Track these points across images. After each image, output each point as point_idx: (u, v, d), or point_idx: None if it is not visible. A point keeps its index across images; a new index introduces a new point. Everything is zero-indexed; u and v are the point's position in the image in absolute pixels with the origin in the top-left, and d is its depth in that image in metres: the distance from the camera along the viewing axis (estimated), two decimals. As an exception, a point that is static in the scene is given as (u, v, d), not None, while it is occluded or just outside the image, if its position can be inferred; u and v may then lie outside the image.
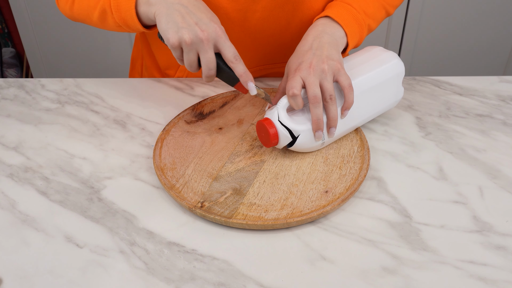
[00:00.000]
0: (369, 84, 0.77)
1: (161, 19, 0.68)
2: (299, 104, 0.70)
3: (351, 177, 0.71)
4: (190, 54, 0.68)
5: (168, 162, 0.75)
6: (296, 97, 0.69)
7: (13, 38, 2.29)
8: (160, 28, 0.68)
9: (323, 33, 0.75)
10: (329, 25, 0.76)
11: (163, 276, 0.60)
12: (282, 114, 0.72)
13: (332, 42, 0.74)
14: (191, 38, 0.66)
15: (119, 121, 0.87)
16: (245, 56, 0.90)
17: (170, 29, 0.67)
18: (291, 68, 0.72)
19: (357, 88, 0.75)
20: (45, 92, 0.94)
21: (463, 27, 1.91)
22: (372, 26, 0.83)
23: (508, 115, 0.86)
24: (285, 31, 0.88)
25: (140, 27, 0.73)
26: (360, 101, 0.76)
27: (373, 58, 0.79)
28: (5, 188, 0.73)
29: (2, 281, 0.60)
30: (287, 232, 0.65)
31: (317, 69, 0.70)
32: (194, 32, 0.66)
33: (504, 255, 0.62)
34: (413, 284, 0.58)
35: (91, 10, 0.77)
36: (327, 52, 0.72)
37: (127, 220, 0.68)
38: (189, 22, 0.67)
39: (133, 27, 0.74)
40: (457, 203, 0.69)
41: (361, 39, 0.81)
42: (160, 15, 0.68)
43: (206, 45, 0.67)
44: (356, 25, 0.79)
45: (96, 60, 2.07)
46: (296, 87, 0.69)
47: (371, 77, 0.77)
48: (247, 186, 0.71)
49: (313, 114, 0.70)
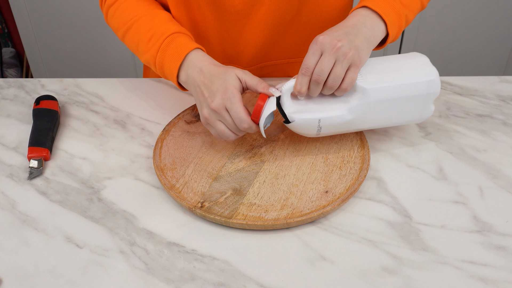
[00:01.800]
0: (392, 95, 0.71)
1: (194, 99, 0.75)
2: (303, 88, 0.69)
3: (351, 177, 0.71)
4: (216, 126, 0.71)
5: (168, 162, 0.75)
6: (305, 78, 0.68)
7: (13, 38, 2.29)
8: None
9: (362, 26, 0.72)
10: (369, 18, 0.73)
11: (163, 276, 0.60)
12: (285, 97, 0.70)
13: (369, 37, 0.72)
14: (207, 112, 0.71)
15: (119, 121, 0.87)
16: (250, 52, 0.90)
17: (199, 110, 0.73)
18: (318, 38, 0.70)
19: (378, 95, 0.70)
20: (45, 92, 0.94)
21: (463, 27, 1.91)
22: (409, 17, 0.79)
23: (508, 115, 0.86)
24: (291, 26, 0.88)
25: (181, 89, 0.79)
26: (377, 108, 0.71)
27: (411, 68, 0.73)
28: (5, 188, 0.73)
29: (2, 281, 0.60)
30: (287, 232, 0.65)
31: (340, 51, 0.68)
32: (206, 106, 0.71)
33: (504, 255, 0.62)
34: (413, 284, 0.58)
35: (139, 53, 0.81)
36: (359, 43, 0.70)
37: (127, 220, 0.68)
38: (205, 97, 0.71)
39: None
40: (457, 203, 0.69)
41: (400, 31, 0.77)
42: (193, 95, 0.74)
43: (221, 112, 0.70)
44: (395, 16, 0.75)
45: (96, 60, 2.07)
46: (311, 68, 0.68)
47: (397, 89, 0.71)
48: (247, 186, 0.71)
49: (310, 91, 0.70)
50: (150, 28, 0.78)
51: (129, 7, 0.82)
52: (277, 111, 0.76)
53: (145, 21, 0.80)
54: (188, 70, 0.74)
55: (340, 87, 0.69)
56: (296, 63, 0.95)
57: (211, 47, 0.90)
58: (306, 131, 0.72)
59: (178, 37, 0.77)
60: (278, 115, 0.84)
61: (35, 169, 0.75)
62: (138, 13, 0.81)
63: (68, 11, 1.92)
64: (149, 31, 0.78)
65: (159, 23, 0.79)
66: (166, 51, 0.76)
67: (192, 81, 0.73)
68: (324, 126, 0.71)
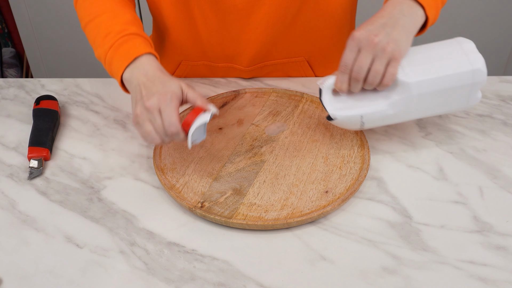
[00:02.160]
0: (435, 87, 0.70)
1: (131, 99, 0.73)
2: (343, 85, 0.68)
3: (351, 177, 0.71)
4: (144, 126, 0.68)
5: (168, 162, 0.75)
6: (344, 75, 0.68)
7: (13, 38, 2.29)
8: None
9: (400, 14, 0.70)
10: (406, 4, 0.71)
11: (163, 276, 0.60)
12: (325, 94, 0.70)
13: (408, 26, 0.70)
14: (140, 110, 0.68)
15: (119, 121, 0.87)
16: (250, 52, 0.90)
17: (132, 108, 0.71)
18: (354, 34, 0.68)
19: (420, 88, 0.69)
20: (45, 92, 0.94)
21: (463, 27, 1.91)
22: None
23: (508, 115, 0.86)
24: (291, 25, 0.88)
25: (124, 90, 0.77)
26: (420, 101, 0.70)
27: (455, 57, 0.70)
28: (5, 188, 0.73)
29: (2, 281, 0.60)
30: (287, 232, 0.65)
31: (378, 46, 0.66)
32: (141, 104, 0.68)
33: (504, 255, 0.62)
34: (413, 284, 0.58)
35: (94, 46, 0.80)
36: (398, 35, 0.68)
37: (127, 220, 0.68)
38: (142, 95, 0.69)
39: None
40: (457, 203, 0.69)
41: (438, 12, 0.76)
42: (131, 96, 0.72)
43: (153, 112, 0.67)
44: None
45: (96, 60, 2.06)
46: (349, 65, 0.68)
47: (440, 81, 0.69)
48: (247, 186, 0.71)
49: (351, 87, 0.69)
50: (109, 25, 0.77)
51: (98, 1, 0.81)
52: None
53: (107, 17, 0.79)
54: (133, 70, 0.73)
55: (381, 83, 0.68)
56: (296, 62, 0.95)
57: (211, 47, 0.90)
58: (350, 126, 0.74)
59: (134, 38, 0.76)
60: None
61: (35, 169, 0.75)
62: (104, 8, 0.80)
63: (68, 11, 1.92)
64: (107, 28, 0.77)
65: (119, 22, 0.78)
66: (118, 49, 0.75)
67: (134, 81, 0.72)
68: (367, 121, 0.72)
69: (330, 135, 0.79)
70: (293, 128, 0.81)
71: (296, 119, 0.83)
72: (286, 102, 0.87)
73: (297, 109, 0.86)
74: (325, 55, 0.95)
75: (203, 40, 0.89)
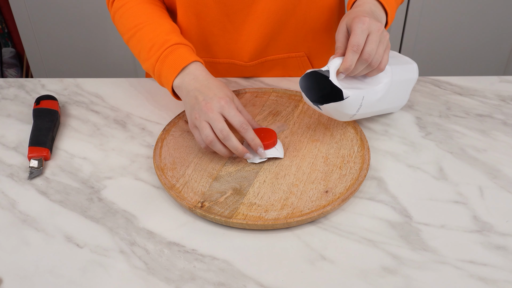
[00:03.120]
0: (401, 76, 0.79)
1: (184, 105, 0.77)
2: (352, 65, 0.70)
3: (351, 177, 0.71)
4: (203, 127, 0.71)
5: (168, 162, 0.75)
6: (355, 55, 0.69)
7: (13, 38, 2.29)
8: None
9: (376, 14, 0.75)
10: (376, 6, 0.77)
11: (163, 276, 0.60)
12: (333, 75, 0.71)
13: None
14: (198, 113, 0.72)
15: (119, 121, 0.87)
16: (251, 45, 0.91)
17: (187, 114, 0.75)
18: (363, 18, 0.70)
19: (395, 75, 0.77)
20: (45, 92, 0.94)
21: (463, 27, 1.91)
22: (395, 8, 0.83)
23: (508, 115, 0.86)
24: (292, 17, 0.89)
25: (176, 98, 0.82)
26: (392, 88, 0.77)
27: (398, 57, 0.82)
28: (5, 188, 0.73)
29: (2, 281, 0.60)
30: (287, 232, 0.65)
31: (383, 33, 0.71)
32: (199, 107, 0.72)
33: (504, 255, 0.62)
34: (413, 284, 0.58)
35: (140, 60, 0.84)
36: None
37: (127, 220, 0.68)
38: (199, 101, 0.73)
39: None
40: (457, 203, 0.69)
41: (393, 15, 0.82)
42: (183, 102, 0.77)
43: (211, 113, 0.71)
44: (394, 4, 0.81)
45: (96, 60, 2.07)
46: (361, 46, 0.69)
47: (403, 70, 0.80)
48: (247, 186, 0.71)
49: (354, 70, 0.71)
50: (152, 38, 0.81)
51: (135, 14, 0.85)
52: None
53: (148, 30, 0.82)
54: (184, 77, 0.77)
55: (379, 67, 0.72)
56: (296, 57, 0.96)
57: (213, 38, 0.92)
58: (348, 110, 0.73)
59: (178, 48, 0.79)
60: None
61: (35, 169, 0.75)
62: (143, 21, 0.83)
63: (68, 11, 1.92)
64: (151, 41, 0.81)
65: (160, 33, 0.81)
66: (164, 61, 0.78)
67: (186, 86, 0.76)
68: (364, 104, 0.74)
69: (330, 135, 0.79)
70: (293, 128, 0.81)
71: (296, 119, 0.83)
72: (286, 102, 0.87)
73: (297, 109, 0.86)
74: (325, 50, 0.97)
75: (206, 32, 0.90)
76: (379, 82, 0.75)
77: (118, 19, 0.87)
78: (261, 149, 0.73)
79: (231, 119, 0.72)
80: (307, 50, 0.95)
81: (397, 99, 0.83)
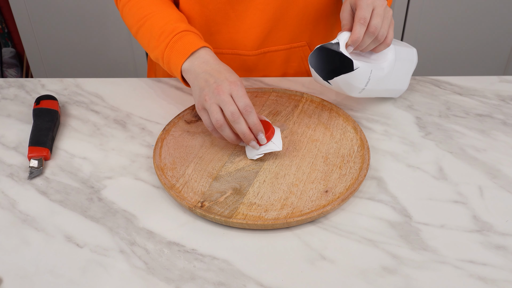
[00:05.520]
0: (403, 55, 0.82)
1: (192, 88, 0.77)
2: (360, 37, 0.72)
3: (351, 177, 0.71)
4: (213, 110, 0.71)
5: (168, 162, 0.75)
6: (362, 28, 0.72)
7: (13, 38, 2.29)
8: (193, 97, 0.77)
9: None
10: None
11: (163, 276, 0.60)
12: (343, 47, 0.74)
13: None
14: (209, 95, 0.72)
15: (119, 121, 0.87)
16: (253, 33, 0.91)
17: (196, 96, 0.75)
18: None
19: (398, 54, 0.80)
20: (45, 92, 0.94)
21: (463, 27, 1.91)
22: None
23: (508, 115, 0.86)
24: (292, 5, 0.90)
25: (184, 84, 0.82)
26: (397, 67, 0.80)
27: (399, 42, 0.85)
28: (5, 188, 0.73)
29: (2, 281, 0.60)
30: (287, 232, 0.65)
31: (387, 9, 0.74)
32: (210, 89, 0.72)
33: (504, 255, 0.62)
34: (413, 284, 0.58)
35: (149, 49, 0.84)
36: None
37: (127, 220, 0.68)
38: (210, 83, 0.73)
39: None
40: (457, 203, 0.69)
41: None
42: (191, 85, 0.77)
43: (223, 95, 0.71)
44: None
45: (96, 60, 2.07)
46: (368, 20, 0.73)
47: (404, 51, 0.83)
48: (247, 185, 0.71)
49: (362, 43, 0.74)
50: (161, 26, 0.81)
51: (143, 6, 0.86)
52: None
53: (157, 19, 0.83)
54: (193, 61, 0.77)
55: (385, 42, 0.75)
56: (297, 48, 0.97)
57: (216, 27, 0.92)
58: (357, 83, 0.76)
59: (187, 35, 0.80)
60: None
61: (35, 168, 0.75)
62: (151, 11, 0.84)
63: (68, 11, 1.92)
64: (160, 29, 0.81)
65: (169, 22, 0.82)
66: (173, 47, 0.79)
67: (195, 69, 0.76)
68: (372, 79, 0.76)
69: (330, 134, 0.80)
70: (293, 128, 0.81)
71: (296, 118, 0.83)
72: (286, 102, 0.87)
73: (297, 108, 0.86)
74: (326, 40, 0.98)
75: (209, 20, 0.91)
76: (385, 59, 0.78)
77: (127, 12, 0.88)
78: (261, 135, 0.72)
79: (237, 100, 0.71)
80: (308, 39, 0.96)
81: (399, 81, 0.85)
